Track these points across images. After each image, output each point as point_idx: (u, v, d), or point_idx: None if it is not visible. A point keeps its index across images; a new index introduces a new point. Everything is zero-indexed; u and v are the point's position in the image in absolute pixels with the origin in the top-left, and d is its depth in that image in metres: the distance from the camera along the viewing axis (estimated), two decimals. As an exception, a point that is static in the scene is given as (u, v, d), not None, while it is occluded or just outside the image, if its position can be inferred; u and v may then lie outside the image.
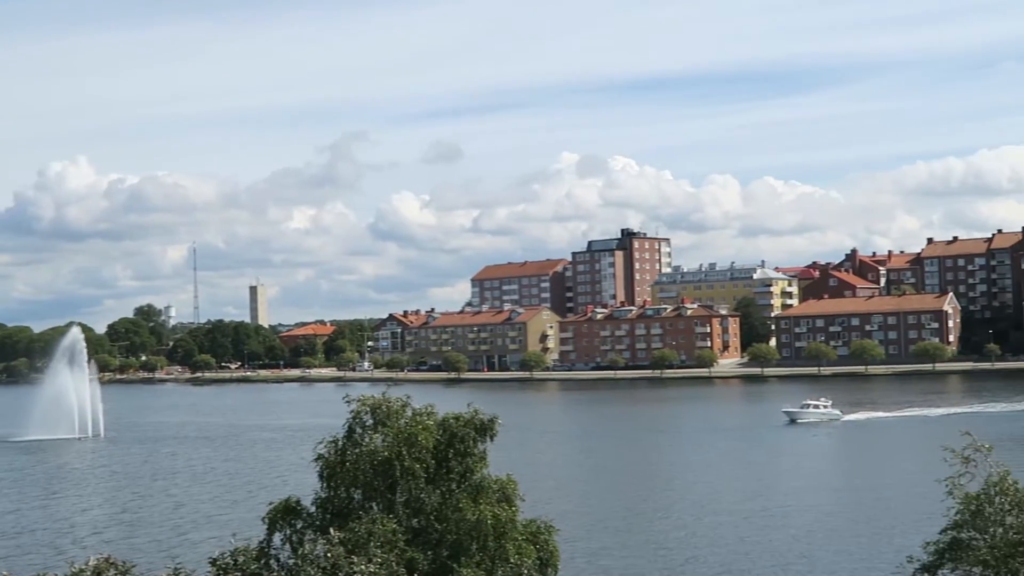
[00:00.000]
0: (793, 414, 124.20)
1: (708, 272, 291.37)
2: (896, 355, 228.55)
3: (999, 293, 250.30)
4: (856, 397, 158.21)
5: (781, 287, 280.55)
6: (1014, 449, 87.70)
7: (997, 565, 21.63)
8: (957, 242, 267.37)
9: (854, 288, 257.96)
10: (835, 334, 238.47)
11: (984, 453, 22.56)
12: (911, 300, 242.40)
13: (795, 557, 56.31)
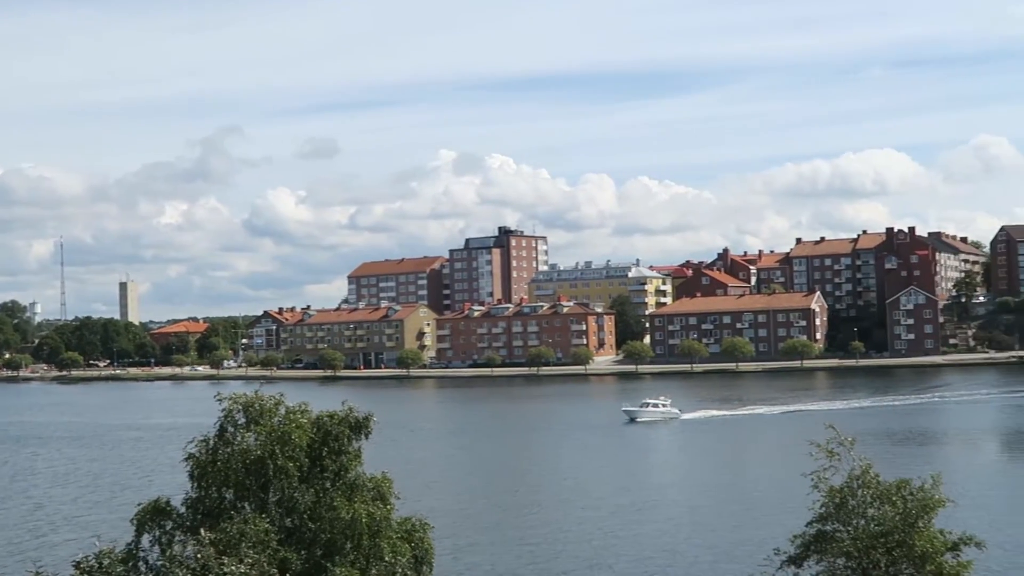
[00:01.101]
0: (633, 413, 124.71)
1: (584, 270, 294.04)
2: (766, 352, 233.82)
3: (864, 292, 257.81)
4: (724, 393, 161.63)
5: (655, 285, 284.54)
6: (876, 443, 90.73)
7: (860, 556, 22.25)
8: (824, 242, 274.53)
9: (726, 287, 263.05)
10: (707, 332, 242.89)
11: (847, 447, 23.21)
12: (780, 299, 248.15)
13: (661, 551, 57.09)
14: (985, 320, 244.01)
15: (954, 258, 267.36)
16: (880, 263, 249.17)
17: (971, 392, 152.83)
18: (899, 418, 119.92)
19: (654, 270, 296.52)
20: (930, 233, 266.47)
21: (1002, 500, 67.76)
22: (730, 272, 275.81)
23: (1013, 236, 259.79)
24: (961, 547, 22.32)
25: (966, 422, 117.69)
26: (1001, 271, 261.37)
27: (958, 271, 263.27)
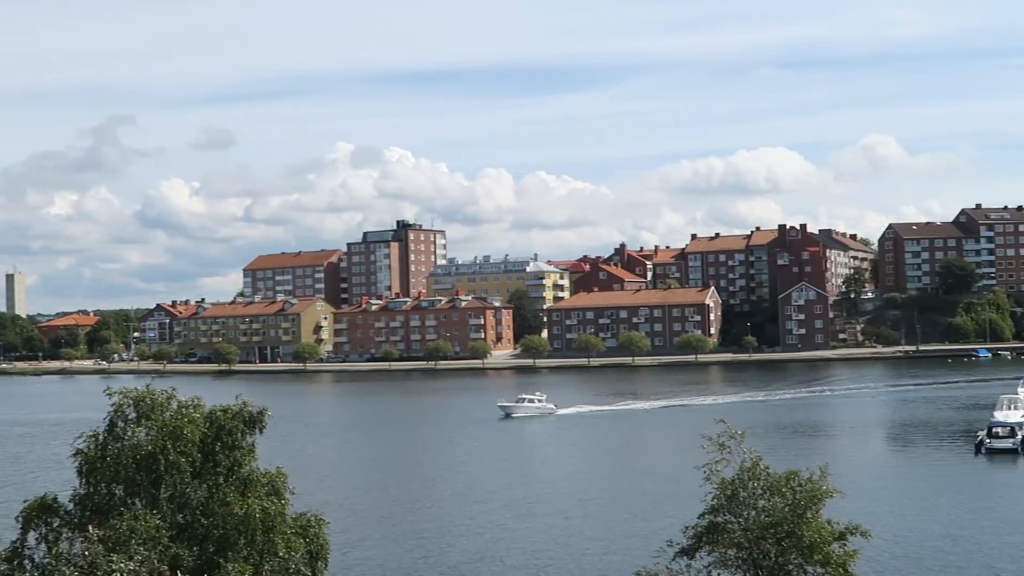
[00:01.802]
0: (508, 408, 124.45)
1: (482, 264, 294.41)
2: (661, 346, 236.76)
3: (756, 288, 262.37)
4: (618, 387, 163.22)
5: (553, 280, 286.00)
6: (766, 436, 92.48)
7: (750, 547, 22.64)
8: (719, 238, 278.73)
9: (622, 281, 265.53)
10: (604, 326, 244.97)
11: (738, 440, 23.61)
12: (676, 294, 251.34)
13: (552, 543, 57.42)
14: (873, 316, 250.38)
15: (844, 255, 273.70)
16: (773, 259, 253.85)
17: (858, 386, 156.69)
18: (789, 411, 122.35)
19: (552, 265, 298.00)
20: (821, 230, 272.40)
21: (887, 491, 69.57)
22: (627, 267, 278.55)
23: (900, 234, 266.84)
24: (848, 536, 22.85)
25: (853, 415, 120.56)
26: (888, 268, 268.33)
27: (847, 268, 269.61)
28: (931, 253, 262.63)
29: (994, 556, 50.56)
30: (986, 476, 76.00)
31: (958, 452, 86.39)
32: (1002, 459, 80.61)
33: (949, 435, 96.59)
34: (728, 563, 22.99)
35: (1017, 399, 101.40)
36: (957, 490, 68.94)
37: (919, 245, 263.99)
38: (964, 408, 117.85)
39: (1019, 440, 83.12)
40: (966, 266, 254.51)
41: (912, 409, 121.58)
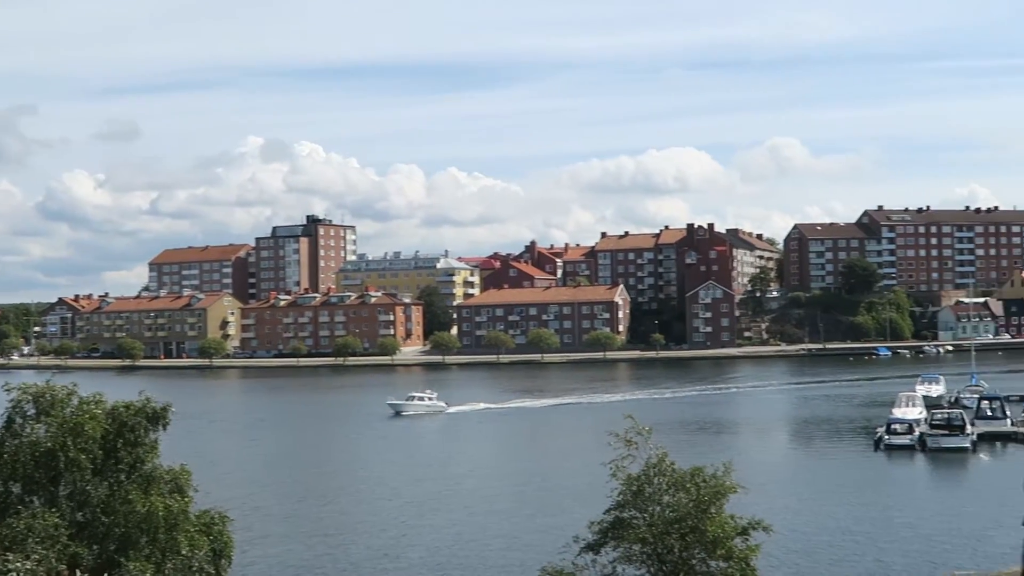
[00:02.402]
0: (398, 406, 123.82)
1: (393, 260, 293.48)
2: (571, 343, 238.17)
3: (665, 286, 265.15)
4: (524, 385, 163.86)
5: (463, 276, 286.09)
6: (672, 432, 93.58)
7: (655, 541, 22.90)
8: (628, 237, 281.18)
9: (532, 279, 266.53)
10: (514, 323, 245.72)
11: (645, 436, 23.85)
12: (585, 291, 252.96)
13: (454, 539, 57.50)
14: (777, 314, 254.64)
15: (750, 254, 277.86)
16: (681, 258, 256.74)
17: (762, 383, 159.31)
18: (695, 408, 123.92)
19: (462, 261, 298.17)
20: (728, 230, 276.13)
21: (789, 486, 70.83)
22: (537, 264, 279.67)
23: (805, 234, 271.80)
24: (750, 531, 23.19)
25: (757, 412, 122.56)
26: (793, 267, 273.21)
27: (753, 267, 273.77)
28: (834, 253, 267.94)
29: (886, 550, 51.75)
30: (884, 472, 77.74)
31: (858, 448, 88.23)
32: (900, 455, 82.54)
33: (849, 432, 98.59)
34: (633, 558, 23.22)
35: (915, 397, 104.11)
36: (856, 485, 70.42)
37: (823, 245, 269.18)
38: (864, 405, 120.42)
39: (916, 437, 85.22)
40: (868, 266, 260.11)
41: (814, 406, 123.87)
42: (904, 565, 48.79)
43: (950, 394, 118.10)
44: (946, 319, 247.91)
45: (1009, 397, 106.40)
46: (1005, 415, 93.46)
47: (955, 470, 77.22)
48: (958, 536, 54.02)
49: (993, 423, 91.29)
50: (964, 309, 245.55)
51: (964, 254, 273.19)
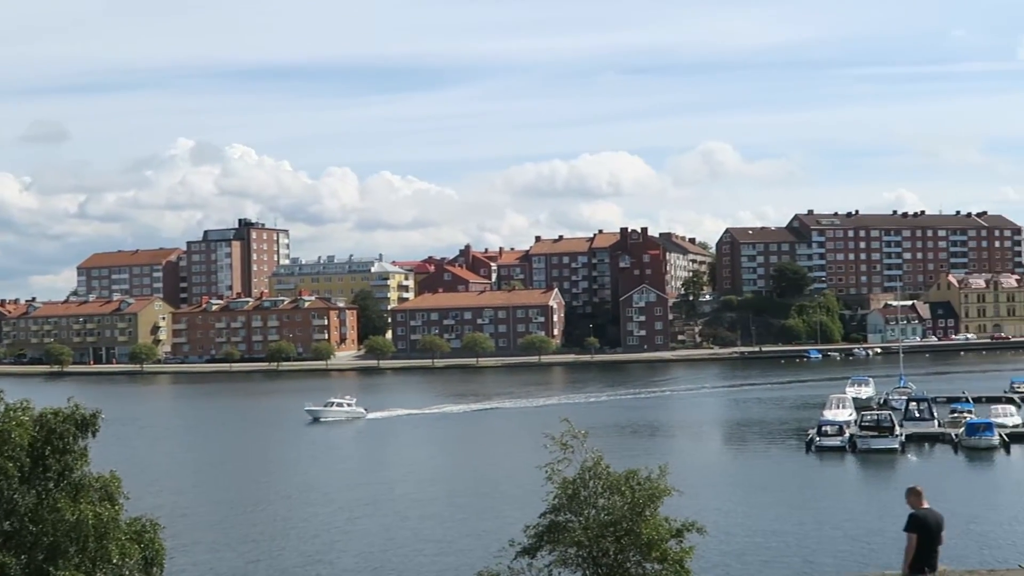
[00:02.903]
0: (316, 412, 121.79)
1: (326, 264, 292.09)
2: (505, 347, 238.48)
3: (599, 290, 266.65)
4: (458, 389, 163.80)
5: (398, 281, 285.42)
6: (608, 436, 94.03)
7: (590, 545, 22.93)
8: (562, 241, 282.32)
9: (467, 283, 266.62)
10: (449, 327, 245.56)
11: (581, 440, 23.88)
12: (520, 295, 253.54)
13: (387, 544, 57.06)
14: (710, 318, 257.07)
15: (683, 258, 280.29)
16: (615, 262, 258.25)
17: (696, 386, 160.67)
18: (629, 412, 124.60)
19: (397, 265, 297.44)
20: (661, 234, 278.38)
21: (722, 488, 71.44)
22: (471, 268, 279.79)
23: (736, 238, 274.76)
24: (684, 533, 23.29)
25: (691, 415, 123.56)
26: (725, 271, 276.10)
27: (686, 271, 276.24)
28: (766, 257, 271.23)
29: (816, 550, 52.39)
30: (815, 473, 78.71)
31: (790, 450, 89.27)
32: (831, 456, 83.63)
33: (781, 434, 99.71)
34: (569, 561, 23.22)
35: (845, 399, 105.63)
36: (788, 487, 71.25)
37: (754, 249, 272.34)
38: (795, 407, 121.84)
39: (847, 438, 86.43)
40: (799, 270, 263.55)
41: (746, 408, 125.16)
42: (833, 565, 49.40)
43: (879, 396, 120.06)
44: (875, 322, 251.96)
45: (936, 398, 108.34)
46: (932, 416, 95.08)
47: (884, 471, 78.36)
48: (885, 536, 54.79)
49: (921, 424, 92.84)
50: (892, 312, 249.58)
51: (892, 258, 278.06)
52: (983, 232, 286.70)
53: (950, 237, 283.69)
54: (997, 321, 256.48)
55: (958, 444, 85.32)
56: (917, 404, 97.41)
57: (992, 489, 70.27)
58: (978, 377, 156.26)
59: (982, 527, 56.68)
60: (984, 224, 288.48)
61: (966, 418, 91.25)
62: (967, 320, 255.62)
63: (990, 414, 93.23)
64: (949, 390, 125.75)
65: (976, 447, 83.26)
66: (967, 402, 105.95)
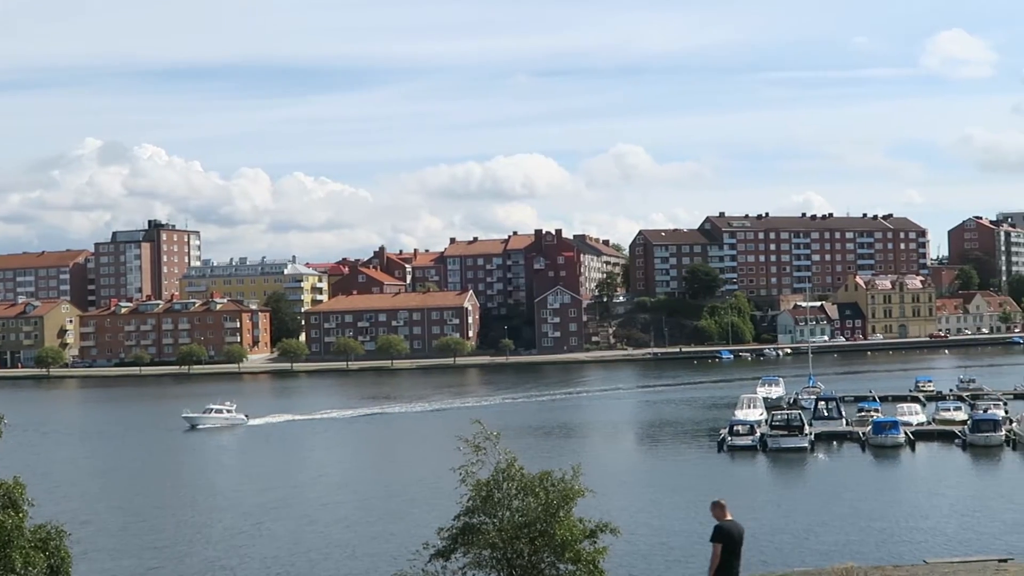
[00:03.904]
0: (194, 419, 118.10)
1: (239, 266, 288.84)
2: (420, 349, 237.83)
3: (514, 291, 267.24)
4: (371, 392, 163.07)
5: (312, 283, 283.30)
6: (522, 437, 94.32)
7: (504, 547, 22.96)
8: (477, 243, 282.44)
9: (382, 285, 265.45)
10: (363, 329, 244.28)
11: (494, 441, 23.91)
12: (435, 297, 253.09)
13: (294, 548, 56.52)
14: (624, 319, 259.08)
15: (597, 260, 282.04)
16: (529, 263, 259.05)
17: (610, 387, 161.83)
18: (544, 413, 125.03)
19: (310, 267, 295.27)
20: (575, 236, 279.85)
21: (636, 488, 72.05)
22: (386, 270, 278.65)
23: (650, 240, 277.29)
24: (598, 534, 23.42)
25: (605, 415, 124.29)
26: (639, 273, 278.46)
27: (600, 272, 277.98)
28: (678, 259, 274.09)
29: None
30: (727, 472, 79.67)
31: (702, 450, 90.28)
32: (742, 456, 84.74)
33: (694, 434, 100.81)
34: (483, 563, 23.23)
35: (756, 399, 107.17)
36: (699, 486, 71.94)
37: (667, 251, 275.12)
38: (707, 408, 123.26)
39: (757, 437, 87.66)
40: (710, 272, 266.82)
41: (660, 409, 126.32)
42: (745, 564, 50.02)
43: (789, 396, 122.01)
44: (785, 323, 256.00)
45: (844, 398, 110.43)
46: (840, 415, 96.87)
47: (793, 469, 79.67)
48: (790, 534, 55.73)
49: (829, 423, 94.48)
50: (801, 313, 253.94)
51: (801, 260, 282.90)
52: (889, 234, 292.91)
53: (857, 239, 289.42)
54: (903, 322, 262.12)
55: (865, 442, 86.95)
56: (826, 403, 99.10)
57: (897, 486, 71.76)
58: (884, 377, 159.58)
59: (887, 523, 57.91)
60: (890, 227, 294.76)
61: (873, 417, 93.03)
62: (874, 320, 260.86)
63: (896, 413, 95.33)
64: (857, 389, 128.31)
65: (882, 445, 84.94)
66: (874, 401, 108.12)
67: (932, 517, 59.44)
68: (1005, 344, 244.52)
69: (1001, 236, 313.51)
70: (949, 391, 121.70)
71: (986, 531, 54.63)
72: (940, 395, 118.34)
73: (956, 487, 69.53)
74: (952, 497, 65.55)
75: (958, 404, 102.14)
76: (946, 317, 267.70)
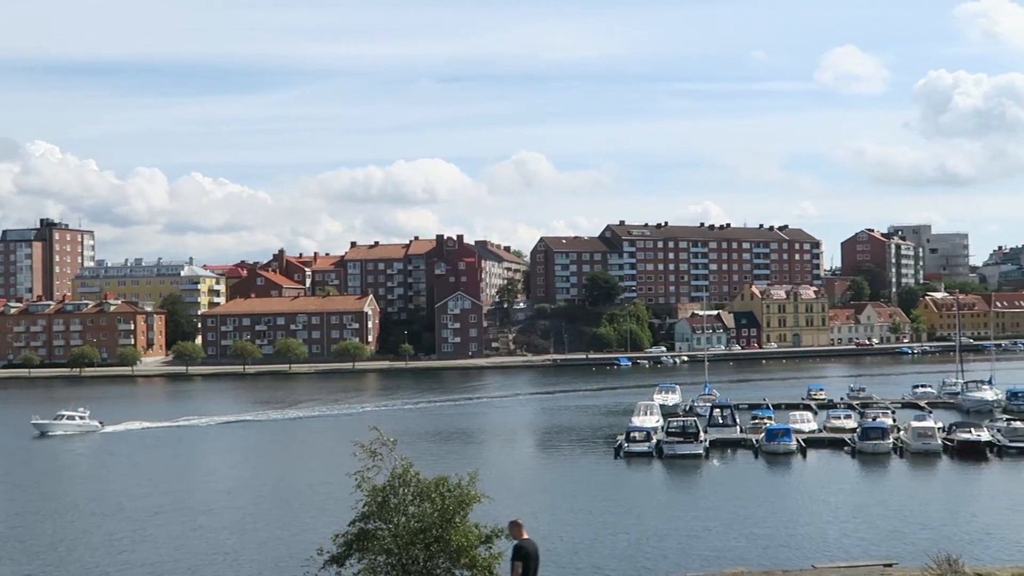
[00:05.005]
0: (44, 426, 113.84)
1: (134, 268, 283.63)
2: (319, 354, 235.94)
3: (414, 296, 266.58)
4: (267, 395, 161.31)
5: (209, 285, 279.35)
6: (420, 443, 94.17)
7: (400, 552, 22.94)
8: (377, 247, 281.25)
9: (281, 288, 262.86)
10: (261, 333, 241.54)
11: (390, 447, 23.88)
12: (335, 301, 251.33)
13: (181, 556, 55.54)
14: (524, 325, 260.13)
15: (498, 266, 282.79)
16: (430, 268, 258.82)
17: (509, 393, 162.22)
18: (443, 418, 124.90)
19: (208, 269, 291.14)
20: (477, 242, 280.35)
21: (533, 494, 72.30)
22: (285, 273, 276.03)
23: (550, 247, 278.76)
24: (493, 539, 23.53)
25: (504, 421, 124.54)
26: (539, 279, 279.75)
27: (501, 278, 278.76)
28: (579, 266, 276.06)
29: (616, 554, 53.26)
30: (623, 478, 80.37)
31: (599, 456, 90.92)
32: (638, 462, 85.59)
33: (591, 440, 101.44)
34: (378, 569, 23.17)
35: (653, 405, 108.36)
36: (595, 492, 72.56)
37: (567, 258, 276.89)
38: (605, 414, 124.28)
39: (654, 444, 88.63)
40: (610, 279, 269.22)
41: (559, 415, 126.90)
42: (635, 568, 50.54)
43: (685, 403, 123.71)
44: (682, 331, 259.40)
45: (739, 405, 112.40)
46: (735, 422, 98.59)
47: (688, 475, 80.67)
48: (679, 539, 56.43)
49: (724, 430, 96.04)
50: (698, 321, 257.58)
51: (699, 268, 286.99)
52: (784, 245, 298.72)
53: (754, 249, 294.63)
54: (797, 331, 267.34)
55: (758, 449, 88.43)
56: (721, 411, 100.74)
57: (788, 492, 73.10)
58: (778, 385, 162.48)
59: (777, 529, 58.97)
60: (785, 237, 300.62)
61: (766, 424, 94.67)
62: (769, 329, 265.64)
63: (788, 420, 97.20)
64: (751, 397, 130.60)
65: (775, 452, 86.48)
66: (767, 409, 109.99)
67: (821, 523, 60.67)
68: (894, 354, 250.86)
69: (892, 249, 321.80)
70: (840, 399, 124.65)
71: (872, 537, 55.93)
72: (831, 403, 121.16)
73: (845, 494, 71.05)
74: (840, 503, 67.00)
75: (848, 412, 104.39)
76: (838, 327, 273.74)
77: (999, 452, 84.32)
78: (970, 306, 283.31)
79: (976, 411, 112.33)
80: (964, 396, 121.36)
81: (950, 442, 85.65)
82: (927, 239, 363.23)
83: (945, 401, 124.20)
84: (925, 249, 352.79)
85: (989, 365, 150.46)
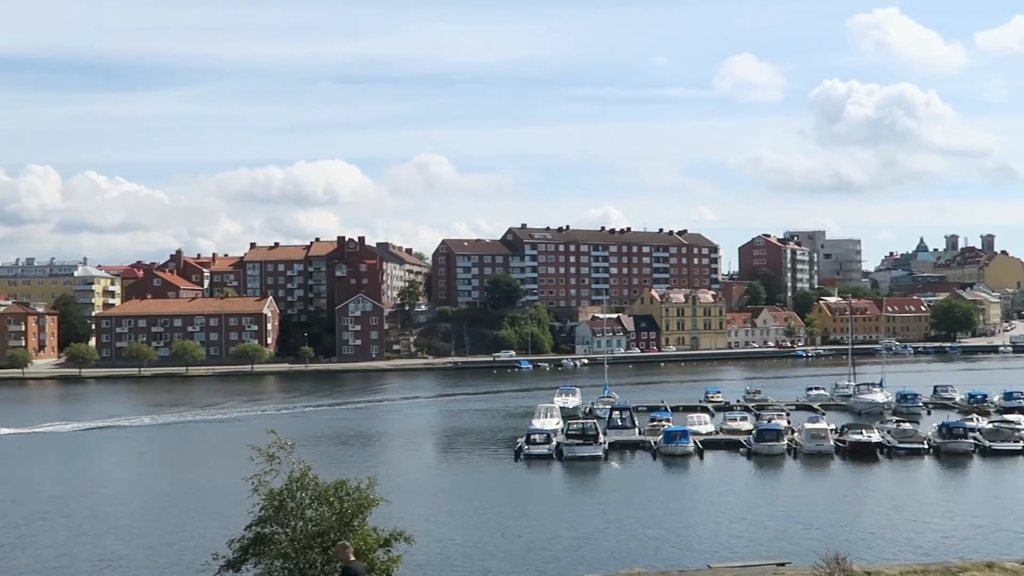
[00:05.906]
0: None
1: (25, 267, 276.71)
2: (217, 356, 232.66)
3: (315, 298, 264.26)
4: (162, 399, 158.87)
5: (104, 286, 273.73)
6: (319, 446, 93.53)
7: (297, 556, 22.86)
8: (278, 248, 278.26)
9: (178, 289, 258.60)
10: (158, 334, 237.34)
11: (288, 451, 23.78)
12: (233, 302, 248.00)
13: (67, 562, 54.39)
14: (426, 328, 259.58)
15: (399, 268, 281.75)
16: (331, 270, 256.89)
17: (410, 396, 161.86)
18: (342, 422, 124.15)
19: (102, 270, 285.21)
20: (378, 244, 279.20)
21: (432, 497, 72.29)
22: (183, 274, 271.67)
23: (452, 249, 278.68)
24: (392, 543, 23.58)
25: (404, 424, 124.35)
26: (441, 282, 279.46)
27: (403, 281, 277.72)
28: (480, 269, 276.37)
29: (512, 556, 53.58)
30: (524, 480, 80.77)
31: (499, 458, 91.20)
32: (539, 464, 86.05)
33: (491, 442, 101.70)
34: (275, 573, 23.07)
35: (553, 408, 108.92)
36: (495, 495, 72.81)
37: (469, 261, 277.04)
38: (506, 416, 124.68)
39: (554, 446, 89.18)
40: (512, 282, 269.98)
41: (459, 418, 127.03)
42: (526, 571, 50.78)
43: (585, 405, 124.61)
44: (583, 333, 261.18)
45: (637, 407, 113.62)
46: (634, 424, 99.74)
47: (588, 477, 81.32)
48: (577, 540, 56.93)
49: (623, 432, 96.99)
50: (599, 324, 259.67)
51: (600, 272, 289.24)
52: (683, 249, 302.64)
53: (654, 254, 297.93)
54: (695, 335, 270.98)
55: (657, 451, 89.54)
56: (620, 413, 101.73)
57: (685, 493, 74.18)
58: (676, 387, 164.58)
59: (674, 530, 59.82)
60: (684, 242, 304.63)
61: (664, 426, 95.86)
62: (668, 333, 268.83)
63: (686, 422, 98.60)
64: (650, 400, 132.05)
65: (673, 454, 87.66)
66: (666, 411, 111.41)
67: (717, 523, 61.67)
68: (790, 357, 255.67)
69: (788, 254, 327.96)
70: (736, 402, 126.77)
71: (766, 537, 57.02)
72: (728, 406, 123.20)
73: (740, 495, 72.31)
74: (736, 504, 68.16)
75: (744, 414, 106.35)
76: (735, 331, 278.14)
77: (889, 453, 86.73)
78: (862, 310, 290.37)
79: (867, 413, 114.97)
80: (856, 398, 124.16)
81: (842, 443, 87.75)
82: (822, 245, 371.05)
83: (837, 403, 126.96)
84: (820, 254, 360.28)
85: (880, 368, 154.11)
